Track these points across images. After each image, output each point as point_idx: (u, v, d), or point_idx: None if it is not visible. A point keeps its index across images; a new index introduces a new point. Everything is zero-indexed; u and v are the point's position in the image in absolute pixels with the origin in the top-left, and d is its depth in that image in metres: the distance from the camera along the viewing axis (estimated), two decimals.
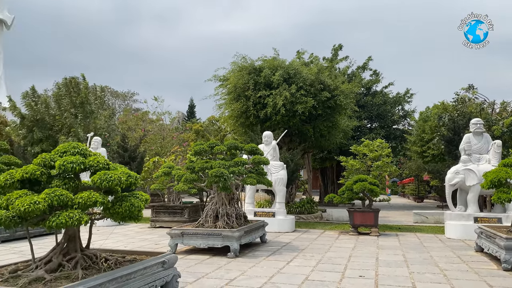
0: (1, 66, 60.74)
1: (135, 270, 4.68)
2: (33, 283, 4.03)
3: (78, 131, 20.90)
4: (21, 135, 23.32)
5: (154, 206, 13.65)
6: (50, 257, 4.53)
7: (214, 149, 9.15)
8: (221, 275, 6.51)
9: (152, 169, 20.28)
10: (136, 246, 9.39)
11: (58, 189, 4.15)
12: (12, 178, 4.31)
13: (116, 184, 4.46)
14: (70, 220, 3.98)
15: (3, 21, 60.32)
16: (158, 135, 33.09)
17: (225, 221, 8.63)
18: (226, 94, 17.12)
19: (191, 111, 57.44)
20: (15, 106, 22.85)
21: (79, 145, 4.73)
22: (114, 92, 46.46)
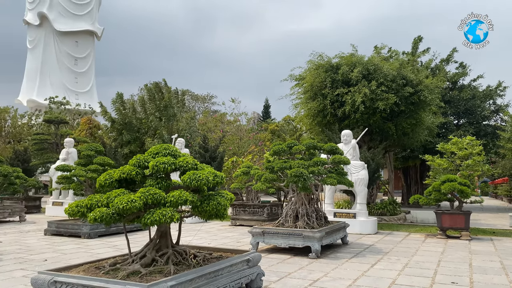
0: (93, 74, 66.26)
1: (222, 267, 4.81)
2: (130, 276, 4.31)
3: (163, 133, 22.07)
4: (112, 137, 25.23)
5: (234, 205, 13.97)
6: (144, 252, 4.82)
7: (292, 149, 9.13)
8: (304, 275, 6.47)
9: (231, 169, 20.82)
10: (219, 243, 9.67)
11: (152, 188, 4.40)
12: (111, 177, 4.66)
13: (204, 184, 4.63)
14: (163, 217, 4.19)
15: (94, 32, 65.75)
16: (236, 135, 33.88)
17: (305, 221, 8.57)
18: (302, 93, 17.01)
19: (266, 112, 58.06)
20: (106, 111, 24.78)
21: (169, 146, 4.97)
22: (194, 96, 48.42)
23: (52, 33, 61.06)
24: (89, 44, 65.17)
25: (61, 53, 61.43)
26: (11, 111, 36.57)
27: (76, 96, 56.63)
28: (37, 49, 61.25)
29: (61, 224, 10.97)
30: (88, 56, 65.02)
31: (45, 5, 61.18)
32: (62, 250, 8.68)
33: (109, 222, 4.34)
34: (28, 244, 9.55)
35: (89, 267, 4.71)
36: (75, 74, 62.60)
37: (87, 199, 4.52)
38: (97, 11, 67.08)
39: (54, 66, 60.60)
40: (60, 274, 4.26)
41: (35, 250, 8.72)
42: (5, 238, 10.51)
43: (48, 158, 24.40)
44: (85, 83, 63.53)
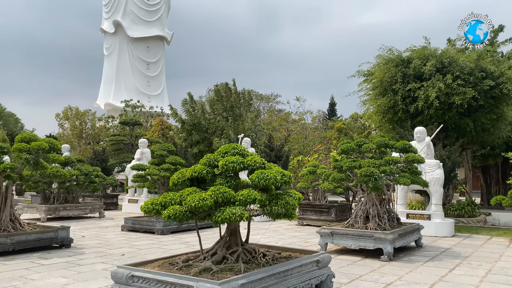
0: (164, 78, 69.33)
1: (292, 267, 4.76)
2: (202, 273, 4.40)
3: (229, 133, 22.51)
4: (182, 138, 26.19)
5: (301, 204, 13.86)
6: (215, 249, 4.90)
7: (362, 148, 8.85)
8: (376, 278, 6.23)
9: (296, 168, 20.69)
10: (287, 242, 9.63)
11: (222, 187, 4.46)
12: (183, 176, 4.79)
13: (272, 183, 4.60)
14: (233, 216, 4.23)
15: (164, 37, 68.72)
16: (301, 134, 33.66)
17: (377, 223, 8.26)
18: (370, 89, 16.45)
19: (332, 109, 57.05)
20: (176, 113, 25.76)
21: (238, 146, 5.01)
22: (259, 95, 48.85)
23: (126, 39, 64.74)
24: (159, 48, 68.27)
25: (134, 58, 64.97)
26: (90, 114, 39.31)
27: (148, 98, 59.56)
28: (113, 56, 65.29)
29: (137, 220, 11.56)
30: (159, 60, 68.12)
31: (119, 13, 65.06)
32: (138, 246, 9.14)
33: (182, 219, 4.47)
34: (107, 239, 10.17)
35: (163, 263, 4.89)
36: (148, 78, 65.87)
37: (161, 197, 4.69)
38: (166, 16, 70.06)
39: (128, 71, 64.23)
40: (137, 269, 4.46)
41: (113, 245, 9.26)
42: (87, 233, 11.29)
43: (124, 158, 25.88)
44: (157, 86, 66.63)
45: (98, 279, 5.99)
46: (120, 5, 65.19)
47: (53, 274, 6.31)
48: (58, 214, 14.55)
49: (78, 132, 37.16)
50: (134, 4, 65.42)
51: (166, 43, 69.77)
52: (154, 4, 67.49)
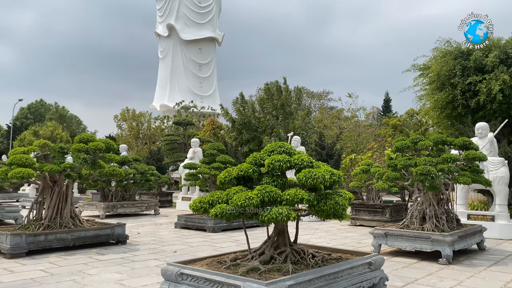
0: (215, 79, 70.59)
1: (342, 269, 4.60)
2: (250, 273, 4.35)
3: (279, 131, 22.43)
4: (232, 137, 26.47)
5: (353, 204, 13.50)
6: (263, 249, 4.84)
7: (417, 145, 8.43)
8: (433, 282, 5.89)
9: (349, 167, 20.23)
10: (338, 243, 9.40)
11: (268, 186, 4.39)
12: (230, 175, 4.78)
13: (320, 182, 4.47)
14: (280, 215, 4.15)
15: (215, 39, 69.93)
16: (353, 132, 32.89)
17: (434, 224, 7.84)
18: (427, 84, 15.71)
19: (386, 106, 55.29)
20: (227, 112, 26.08)
21: (284, 144, 4.92)
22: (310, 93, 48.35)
23: (179, 42, 66.59)
24: (211, 50, 69.58)
25: (187, 60, 66.68)
26: (147, 116, 40.80)
27: (201, 99, 60.84)
28: (167, 58, 67.40)
29: (189, 218, 11.80)
30: (211, 61, 69.44)
31: (172, 17, 67.02)
32: (190, 243, 9.30)
33: (229, 218, 4.45)
34: (161, 236, 10.45)
35: (212, 261, 4.90)
36: (200, 79, 67.36)
37: (209, 196, 4.70)
38: (217, 18, 71.26)
39: (182, 73, 66.04)
40: (186, 267, 4.50)
41: (166, 241, 9.50)
42: (142, 229, 11.68)
43: (178, 157, 26.62)
44: (209, 87, 67.97)
45: (151, 276, 6.14)
46: (173, 8, 67.17)
47: (109, 269, 6.55)
48: (116, 211, 15.19)
49: (135, 132, 38.69)
50: (186, 7, 67.13)
51: (218, 44, 70.96)
52: (205, 6, 68.87)
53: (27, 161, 8.37)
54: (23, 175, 8.06)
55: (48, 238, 8.02)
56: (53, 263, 6.98)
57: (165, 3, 67.92)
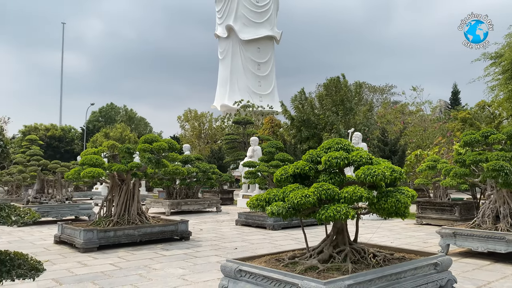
0: (274, 77, 70.76)
1: (405, 269, 4.40)
2: (308, 271, 4.30)
3: (339, 128, 22.00)
4: (291, 134, 26.39)
5: (419, 202, 12.91)
6: (321, 248, 4.77)
7: (489, 139, 7.86)
8: (509, 286, 5.47)
9: (414, 163, 19.37)
10: (403, 243, 9.04)
11: (325, 184, 4.31)
12: (286, 173, 4.75)
13: (380, 179, 4.31)
14: (338, 213, 4.05)
15: (273, 37, 70.07)
16: (419, 126, 31.46)
17: (509, 223, 7.28)
18: (500, 73, 14.64)
19: (454, 98, 52.23)
20: (286, 110, 26.03)
21: (342, 140, 4.80)
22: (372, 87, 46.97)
23: (238, 42, 67.54)
24: (269, 48, 69.84)
25: (246, 60, 67.47)
26: (208, 116, 41.86)
27: (260, 98, 61.35)
28: (227, 59, 68.65)
29: (249, 215, 11.93)
30: (269, 60, 69.70)
31: (231, 18, 68.13)
32: (250, 240, 9.40)
33: (286, 216, 4.42)
34: (222, 232, 10.67)
35: (270, 259, 4.91)
36: (259, 78, 67.87)
37: (265, 193, 4.71)
38: (275, 16, 71.35)
39: (241, 73, 66.95)
40: (245, 264, 4.54)
41: (227, 238, 9.68)
42: (205, 226, 11.99)
43: (238, 155, 27.03)
44: (267, 85, 68.30)
45: (212, 272, 6.28)
46: (232, 10, 68.27)
47: (173, 265, 6.79)
48: (180, 208, 15.74)
49: (197, 132, 39.84)
50: (244, 8, 67.92)
51: (276, 42, 71.06)
52: (263, 6, 69.23)
53: (97, 161, 8.90)
54: (94, 174, 8.59)
55: (117, 234, 8.49)
56: (121, 258, 7.37)
57: (224, 4, 69.23)
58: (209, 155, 26.86)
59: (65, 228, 8.85)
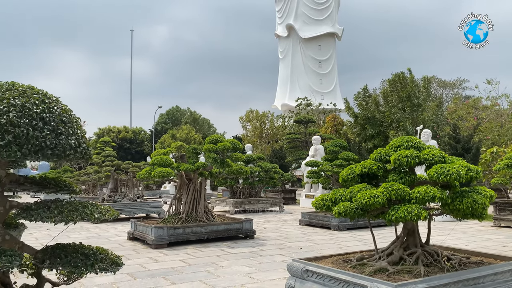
0: (336, 74, 69.60)
1: (484, 274, 4.14)
2: (377, 273, 4.18)
3: (406, 125, 21.14)
4: (355, 133, 25.79)
5: (496, 203, 12.05)
6: (391, 249, 4.61)
7: None
8: None
9: (490, 161, 18.11)
10: (479, 246, 8.49)
11: (395, 183, 4.16)
12: (353, 172, 4.65)
13: (455, 179, 4.08)
14: (409, 214, 3.90)
15: (335, 34, 68.89)
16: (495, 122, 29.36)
17: None
18: None
19: None
20: (349, 107, 25.48)
21: (412, 138, 4.62)
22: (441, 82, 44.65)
23: (298, 41, 67.20)
24: (330, 45, 68.75)
25: (306, 58, 66.96)
26: (269, 115, 42.11)
27: (321, 96, 60.55)
28: (287, 58, 68.58)
29: (313, 215, 11.83)
30: (331, 57, 68.63)
31: (291, 17, 67.96)
32: (314, 240, 9.32)
33: (353, 217, 4.33)
34: (286, 232, 10.68)
35: (337, 260, 4.83)
36: (320, 76, 67.07)
37: (331, 193, 4.65)
38: (336, 12, 70.09)
39: (301, 71, 66.55)
40: (311, 264, 4.51)
41: (291, 238, 9.67)
42: (268, 225, 12.08)
43: (299, 155, 26.90)
44: (329, 83, 67.28)
45: (277, 270, 6.31)
46: (292, 8, 68.08)
47: (239, 262, 6.92)
48: (244, 207, 15.98)
49: (259, 132, 40.23)
50: (304, 6, 67.46)
51: (337, 39, 69.80)
52: (324, 2, 68.30)
53: (167, 161, 9.31)
54: (164, 173, 8.98)
55: (185, 231, 8.81)
56: (190, 254, 7.64)
57: (284, 4, 69.23)
58: (270, 155, 27.00)
59: (138, 225, 9.34)
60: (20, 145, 2.40)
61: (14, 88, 2.63)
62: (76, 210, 2.71)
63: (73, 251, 2.83)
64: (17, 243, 2.76)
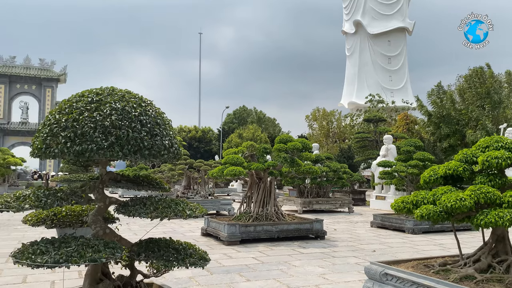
0: (406, 70, 66.78)
1: None
2: (463, 280, 3.97)
3: (486, 123, 19.78)
4: (429, 132, 24.57)
5: None
6: (478, 256, 4.36)
7: None
8: None
9: None
10: None
11: (484, 186, 3.93)
12: (436, 174, 4.45)
13: None
14: (500, 220, 3.67)
15: (405, 29, 66.11)
16: None
17: None
18: None
19: None
20: (421, 105, 24.34)
21: (502, 138, 4.32)
22: None
23: (366, 37, 65.34)
24: (400, 40, 66.07)
25: (375, 55, 64.92)
26: (336, 114, 41.41)
27: (391, 93, 58.42)
28: (354, 55, 66.96)
29: (386, 217, 11.47)
30: (401, 53, 65.94)
31: (359, 13, 66.26)
32: (388, 243, 9.04)
33: (436, 220, 4.15)
34: (358, 234, 10.46)
35: (417, 264, 4.66)
36: (389, 72, 64.69)
37: (412, 196, 4.49)
38: (407, 6, 67.21)
39: (370, 68, 64.63)
40: (391, 268, 4.39)
41: (364, 240, 9.45)
42: (338, 226, 11.91)
43: (369, 154, 26.18)
44: (399, 79, 64.69)
45: (352, 273, 6.21)
46: (360, 4, 66.36)
47: (311, 263, 6.90)
48: (312, 207, 15.89)
49: (325, 131, 39.72)
50: (373, 1, 65.45)
51: (408, 34, 66.93)
52: None
53: (238, 160, 9.52)
54: (235, 172, 9.20)
55: (256, 229, 8.95)
56: (261, 252, 7.75)
57: (351, 0, 67.71)
58: (338, 154, 26.56)
59: (210, 222, 9.65)
60: (121, 145, 2.60)
61: (114, 92, 2.86)
62: (169, 206, 2.88)
63: (165, 246, 3.01)
64: (115, 236, 2.99)
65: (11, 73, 44.25)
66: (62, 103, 2.82)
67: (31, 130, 44.20)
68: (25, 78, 44.90)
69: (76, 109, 2.66)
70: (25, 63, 45.82)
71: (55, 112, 2.74)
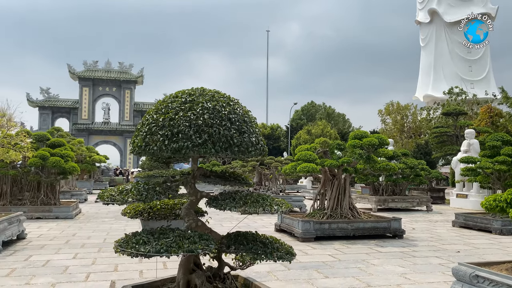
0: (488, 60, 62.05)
1: None
2: None
3: None
4: None
5: None
6: None
7: None
8: None
9: None
10: None
11: None
12: None
13: None
14: None
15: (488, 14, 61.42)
16: None
17: None
18: None
19: None
20: (507, 97, 22.52)
21: None
22: None
23: (443, 26, 61.58)
24: None
25: (452, 44, 60.97)
26: (411, 108, 39.59)
27: (471, 85, 54.58)
28: (429, 45, 63.43)
29: (469, 217, 10.81)
30: None
31: (434, 1, 62.72)
32: (473, 244, 8.52)
33: None
34: (438, 233, 9.96)
35: (511, 267, 4.36)
36: (469, 62, 60.43)
37: (506, 193, 4.21)
38: None
39: (447, 58, 60.87)
40: (482, 269, 4.16)
41: (445, 240, 8.99)
42: (417, 225, 11.42)
43: (448, 150, 24.75)
44: (480, 70, 60.20)
45: (435, 273, 5.95)
46: None
47: (391, 262, 6.71)
48: (387, 205, 15.38)
49: (400, 126, 38.15)
50: None
51: (490, 19, 62.10)
52: None
53: (311, 157, 9.49)
54: (309, 169, 9.18)
55: (331, 226, 8.88)
56: (337, 250, 7.68)
57: None
58: (414, 150, 25.35)
59: (284, 218, 9.73)
60: (213, 143, 2.73)
61: (205, 93, 3.01)
62: (257, 201, 2.97)
63: (252, 239, 3.11)
64: (206, 228, 3.15)
65: (94, 76, 47.76)
66: (158, 104, 3.02)
67: (112, 129, 47.46)
68: (106, 81, 48.24)
69: (171, 109, 2.84)
70: (106, 66, 49.20)
71: (152, 112, 2.95)
